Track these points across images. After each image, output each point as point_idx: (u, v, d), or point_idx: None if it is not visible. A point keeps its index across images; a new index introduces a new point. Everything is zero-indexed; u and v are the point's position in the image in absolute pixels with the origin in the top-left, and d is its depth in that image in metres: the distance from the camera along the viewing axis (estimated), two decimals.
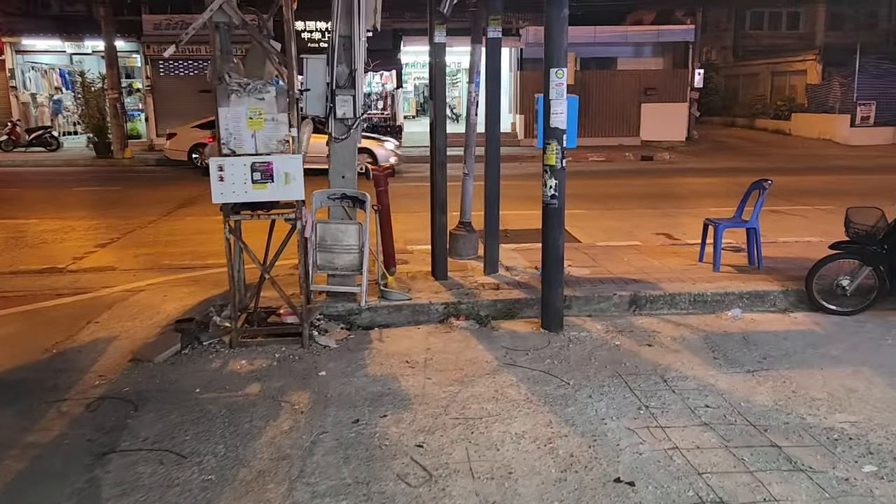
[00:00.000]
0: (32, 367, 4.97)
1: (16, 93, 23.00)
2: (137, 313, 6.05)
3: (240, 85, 4.66)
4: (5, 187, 14.70)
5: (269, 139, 4.78)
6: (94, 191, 14.15)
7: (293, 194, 4.89)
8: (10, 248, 8.90)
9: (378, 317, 5.71)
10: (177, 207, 11.64)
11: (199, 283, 7.04)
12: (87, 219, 10.86)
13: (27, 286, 7.13)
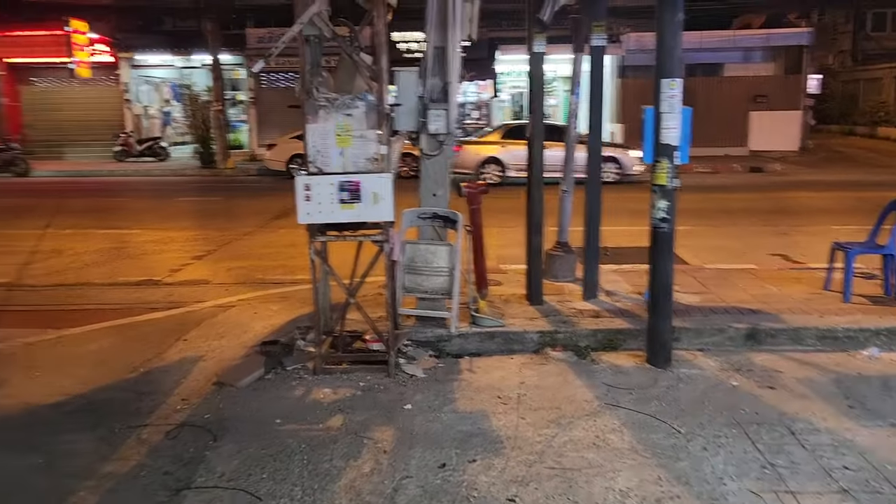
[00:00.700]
0: (119, 386, 4.90)
1: (129, 105, 24.17)
2: (225, 332, 5.96)
3: (328, 100, 4.44)
4: (115, 196, 15.33)
5: (357, 157, 4.54)
6: (195, 201, 14.53)
7: (382, 215, 4.63)
8: (113, 258, 9.11)
9: (469, 344, 5.37)
10: (272, 219, 11.72)
11: (289, 299, 6.91)
12: (186, 230, 11.07)
13: (123, 299, 7.22)
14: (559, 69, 22.47)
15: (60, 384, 4.92)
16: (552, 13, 5.68)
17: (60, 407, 4.57)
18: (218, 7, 20.31)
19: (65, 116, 24.73)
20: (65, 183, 18.54)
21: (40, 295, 7.41)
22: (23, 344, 5.83)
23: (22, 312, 6.79)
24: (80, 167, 21.21)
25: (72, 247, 9.76)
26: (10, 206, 13.80)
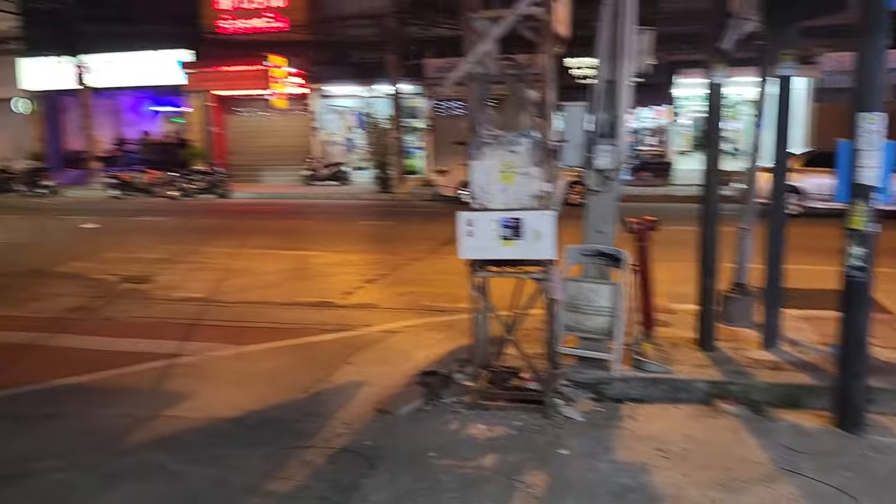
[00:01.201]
0: (288, 405, 5.18)
1: (317, 133, 25.95)
2: (390, 358, 6.13)
3: (493, 137, 4.46)
4: (300, 218, 16.45)
5: (520, 194, 4.51)
6: (371, 224, 15.23)
7: (543, 253, 4.55)
8: (294, 279, 9.74)
9: (631, 389, 5.12)
10: (441, 244, 12.00)
11: (452, 328, 6.99)
12: (361, 253, 11.62)
13: (299, 319, 7.66)
14: (744, 92, 21.22)
15: (240, 399, 5.29)
16: (734, 41, 5.35)
17: (240, 421, 4.90)
18: (399, 40, 21.31)
19: (262, 143, 27.06)
20: (258, 204, 20.20)
21: (229, 311, 8.05)
22: (211, 357, 6.35)
23: (212, 327, 7.40)
24: (273, 190, 23.04)
25: (259, 266, 10.57)
26: (211, 225, 15.24)
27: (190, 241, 12.96)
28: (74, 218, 17.02)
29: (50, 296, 8.84)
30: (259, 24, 25.70)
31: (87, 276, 10.07)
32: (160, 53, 25.85)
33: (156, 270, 10.35)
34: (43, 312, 8.01)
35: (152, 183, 22.26)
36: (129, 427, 4.83)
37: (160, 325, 7.51)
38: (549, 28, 4.54)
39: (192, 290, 9.05)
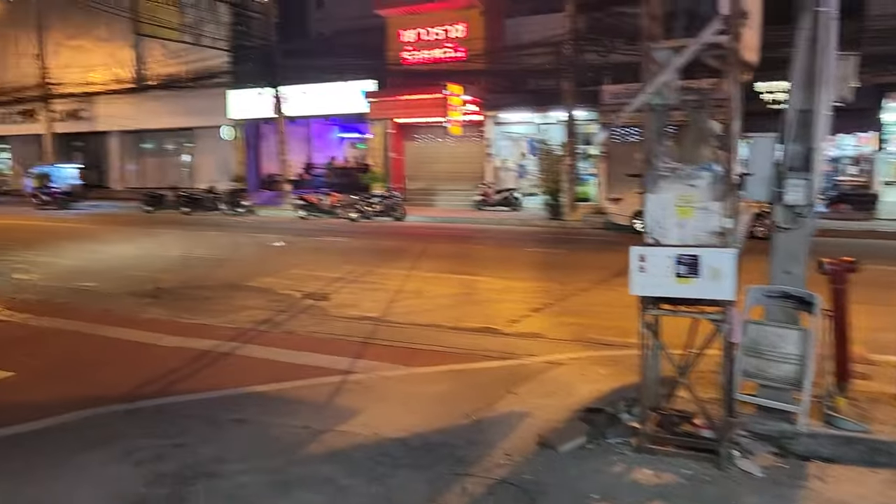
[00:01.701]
0: (452, 431, 5.24)
1: (490, 159, 26.38)
2: (553, 391, 6.03)
3: (670, 170, 4.28)
4: (472, 243, 16.73)
5: (698, 229, 4.28)
6: (540, 252, 15.17)
7: (722, 293, 4.28)
8: (461, 303, 9.90)
9: (820, 447, 4.65)
10: (612, 276, 11.69)
11: (618, 364, 6.77)
12: (528, 280, 11.59)
13: (465, 344, 7.76)
14: None
15: (406, 420, 5.43)
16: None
17: (404, 442, 5.03)
18: (576, 66, 21.21)
19: (437, 168, 27.99)
20: (431, 228, 20.82)
21: (399, 331, 8.32)
22: (381, 377, 6.59)
23: (383, 346, 7.69)
24: (445, 214, 23.67)
25: (429, 289, 10.86)
26: (387, 247, 15.90)
27: (366, 262, 13.60)
28: (266, 236, 18.50)
29: (241, 308, 9.63)
30: (439, 54, 26.70)
31: (274, 290, 10.86)
32: (347, 84, 27.59)
33: (334, 288, 10.96)
34: (234, 323, 8.74)
35: (335, 205, 23.68)
36: (305, 438, 5.10)
37: (336, 341, 7.92)
38: (736, 55, 4.30)
39: (366, 309, 9.47)
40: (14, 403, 5.97)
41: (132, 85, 32.44)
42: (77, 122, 35.75)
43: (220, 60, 28.93)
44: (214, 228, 20.85)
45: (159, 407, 5.79)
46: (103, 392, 6.18)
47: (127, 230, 19.92)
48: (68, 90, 33.34)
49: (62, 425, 5.37)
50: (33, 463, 4.75)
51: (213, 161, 33.18)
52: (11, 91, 35.17)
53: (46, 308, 9.78)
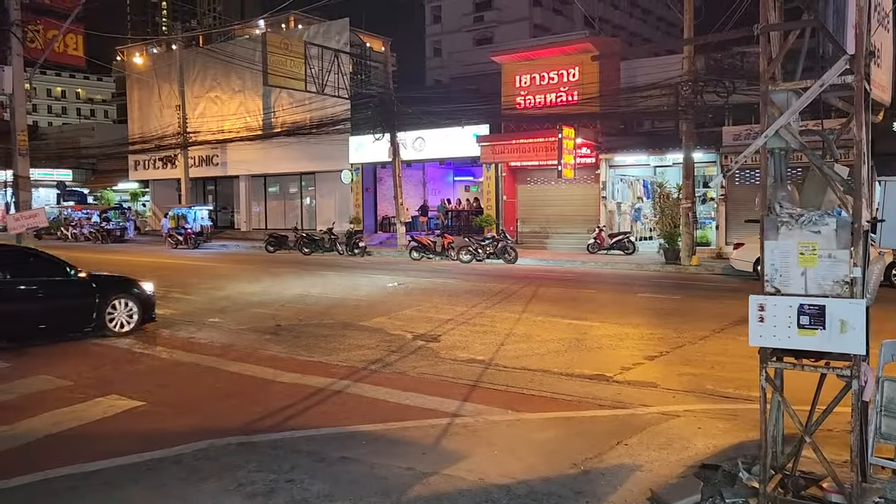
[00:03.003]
0: (559, 480, 5.12)
1: (605, 202, 26.03)
2: (666, 444, 5.79)
3: (791, 216, 4.08)
4: (584, 287, 16.47)
5: (822, 279, 4.04)
6: (655, 297, 14.72)
7: (850, 346, 4.00)
8: (572, 349, 9.73)
9: None
10: (732, 324, 11.17)
11: (738, 418, 6.43)
12: (643, 326, 11.26)
13: (575, 391, 7.60)
14: None
15: (511, 466, 5.37)
16: None
17: (509, 490, 4.96)
18: (694, 108, 20.72)
19: (549, 212, 27.94)
20: (543, 271, 20.68)
21: (507, 376, 8.27)
22: (488, 421, 6.55)
23: (491, 390, 7.66)
24: (557, 257, 23.48)
25: (540, 333, 10.75)
26: (498, 290, 15.91)
27: (477, 304, 13.67)
28: (380, 276, 18.98)
29: (355, 347, 9.89)
30: (552, 98, 26.84)
31: (386, 330, 11.09)
32: (462, 129, 28.19)
33: (445, 330, 11.06)
34: (348, 362, 8.98)
35: (447, 247, 24.03)
36: (410, 480, 5.14)
37: (445, 383, 7.97)
38: (864, 96, 4.08)
39: (475, 352, 9.49)
40: (141, 432, 6.37)
41: (260, 132, 34.58)
42: (210, 167, 38.40)
43: (341, 108, 30.34)
44: (332, 268, 21.62)
45: (272, 441, 6.00)
46: (221, 424, 6.49)
47: (251, 269, 21.00)
48: (204, 138, 35.93)
49: (178, 456, 5.66)
50: (148, 493, 5.02)
51: (332, 203, 34.62)
52: (154, 139, 38.31)
53: (176, 342, 10.43)
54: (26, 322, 9.99)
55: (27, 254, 11.17)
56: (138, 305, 11.04)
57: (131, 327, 10.93)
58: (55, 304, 10.35)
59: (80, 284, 10.57)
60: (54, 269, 10.53)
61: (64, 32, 16.32)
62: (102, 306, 10.61)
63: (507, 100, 27.87)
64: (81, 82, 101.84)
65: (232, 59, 33.59)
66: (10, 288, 9.96)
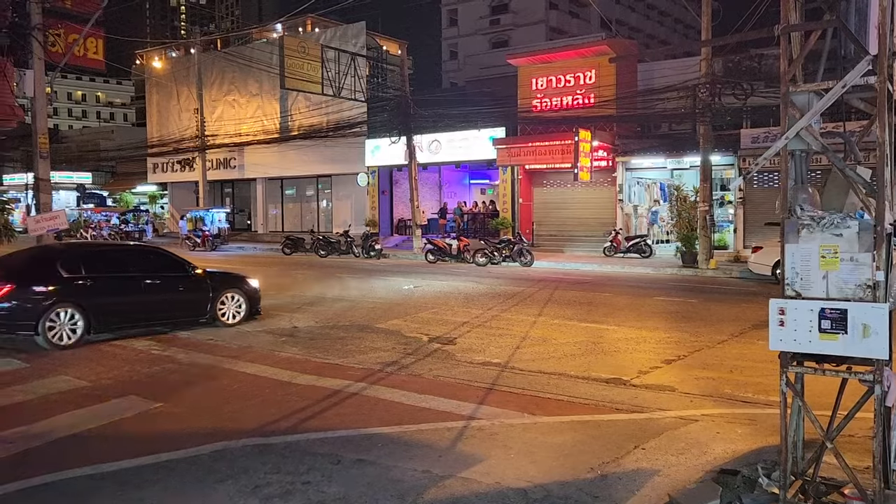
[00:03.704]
0: (576, 484, 5.08)
1: (621, 205, 25.92)
2: (684, 449, 5.74)
3: (812, 219, 4.03)
4: (599, 290, 16.38)
5: (844, 282, 3.99)
6: (672, 301, 14.62)
7: (873, 351, 3.94)
8: (588, 352, 9.68)
9: None
10: (750, 328, 11.07)
11: (757, 423, 6.37)
12: (660, 330, 11.18)
13: (592, 394, 7.55)
14: None
15: (528, 470, 5.34)
16: None
17: (525, 494, 4.93)
18: (712, 110, 20.58)
19: (565, 215, 27.85)
20: (559, 274, 20.61)
21: (524, 379, 8.24)
22: (504, 424, 6.53)
23: (507, 393, 7.63)
24: (573, 260, 23.39)
25: (555, 337, 10.71)
26: (514, 293, 15.87)
27: (493, 307, 13.64)
28: (396, 279, 19.00)
29: (371, 349, 9.90)
30: (568, 100, 26.78)
31: (402, 333, 11.10)
32: (477, 132, 28.20)
33: (461, 333, 11.05)
34: (364, 364, 8.98)
35: (463, 250, 24.01)
36: (426, 483, 5.12)
37: (461, 386, 7.95)
38: (888, 99, 4.02)
39: (492, 355, 9.47)
40: (157, 433, 6.40)
41: (277, 135, 34.79)
42: (227, 170, 38.68)
43: (358, 111, 30.46)
44: (347, 271, 21.68)
45: (288, 444, 6.01)
46: (238, 426, 6.51)
47: (267, 271, 21.08)
48: (221, 141, 36.21)
49: (196, 457, 5.69)
50: (164, 493, 5.05)
51: (349, 206, 34.75)
52: (172, 142, 38.65)
53: (192, 344, 10.49)
54: (159, 313, 11.28)
55: (155, 253, 12.37)
56: (246, 300, 12.14)
57: (238, 319, 11.98)
58: (179, 297, 11.54)
59: (197, 280, 11.70)
60: (177, 267, 11.70)
61: (84, 36, 16.49)
62: (215, 300, 11.74)
63: (523, 102, 27.83)
64: (101, 86, 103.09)
65: (249, 63, 33.84)
66: (147, 284, 11.15)
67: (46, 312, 9.81)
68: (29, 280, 10.10)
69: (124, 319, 10.83)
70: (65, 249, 11.57)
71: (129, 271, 11.09)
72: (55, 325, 9.89)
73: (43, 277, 10.17)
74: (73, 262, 10.55)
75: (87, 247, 11.73)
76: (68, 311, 10.00)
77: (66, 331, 9.99)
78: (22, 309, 9.80)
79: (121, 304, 10.77)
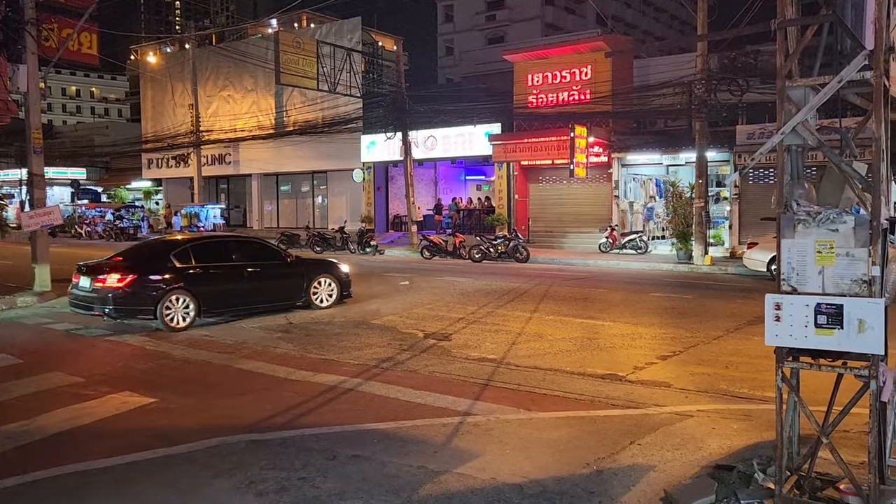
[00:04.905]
0: (571, 480, 5.08)
1: (617, 201, 25.93)
2: (680, 444, 5.74)
3: (808, 214, 4.02)
4: (595, 287, 16.39)
5: (840, 277, 3.98)
6: (668, 297, 14.64)
7: (868, 346, 3.94)
8: (584, 348, 9.68)
9: None
10: (746, 324, 11.09)
11: (753, 419, 6.37)
12: (655, 326, 11.19)
13: (587, 390, 7.56)
14: None
15: (523, 466, 5.34)
16: None
17: (521, 489, 4.92)
18: (709, 106, 20.59)
19: (561, 211, 27.86)
20: (554, 270, 20.61)
21: (519, 375, 8.24)
22: (500, 420, 6.52)
23: (502, 389, 7.63)
24: (569, 256, 23.40)
25: (551, 333, 10.71)
26: (510, 289, 15.87)
27: (488, 303, 13.64)
28: (391, 275, 18.98)
29: (366, 345, 9.88)
30: (564, 96, 26.77)
31: (398, 329, 11.08)
32: (474, 128, 28.16)
33: (456, 329, 11.04)
34: (359, 360, 8.97)
35: (459, 246, 24.00)
36: (421, 479, 5.12)
37: (456, 382, 7.94)
38: (884, 94, 4.02)
39: (487, 351, 9.46)
40: (152, 429, 6.38)
41: (272, 131, 34.70)
42: (223, 165, 38.60)
43: (354, 107, 30.40)
44: None
45: (283, 439, 6.00)
46: (233, 422, 6.49)
47: None
48: (216, 136, 36.09)
49: (190, 453, 5.67)
50: (159, 489, 5.03)
51: (344, 202, 34.71)
52: (167, 138, 38.51)
53: (187, 340, 10.46)
54: (260, 297, 12.42)
55: (256, 243, 13.53)
56: (337, 284, 13.35)
57: (331, 302, 13.22)
58: (278, 283, 12.76)
59: (293, 266, 12.96)
60: (275, 255, 13.02)
61: (78, 31, 16.39)
62: (309, 284, 12.94)
63: (519, 98, 27.80)
64: (95, 81, 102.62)
65: (244, 58, 33.74)
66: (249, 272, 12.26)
67: (163, 299, 11.01)
68: (147, 270, 11.25)
69: (230, 304, 12.00)
70: (177, 242, 12.53)
71: (233, 260, 12.23)
72: (171, 310, 11.10)
73: (159, 268, 11.33)
74: (184, 254, 11.70)
75: (196, 239, 12.82)
76: (181, 298, 11.20)
77: (180, 315, 11.18)
78: (142, 296, 10.97)
79: (227, 290, 11.94)
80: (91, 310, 11.05)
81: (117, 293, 10.80)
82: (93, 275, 11.03)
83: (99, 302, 10.86)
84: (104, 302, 10.82)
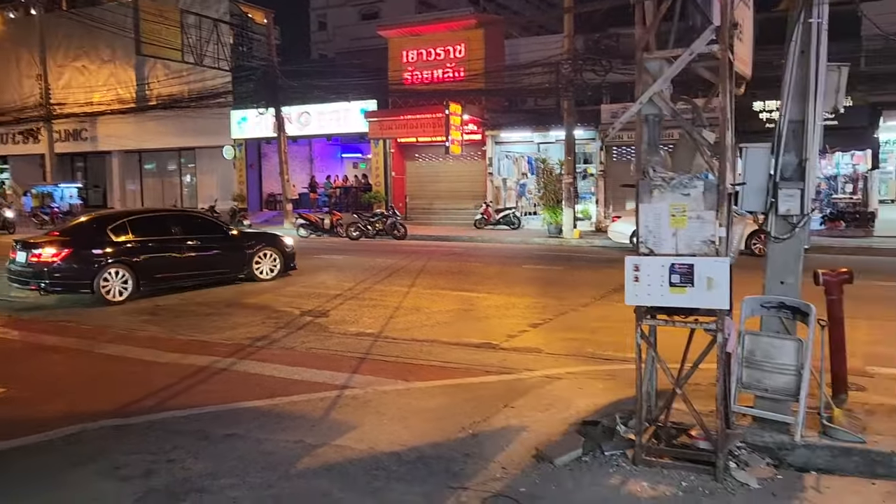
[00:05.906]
0: (448, 444, 5.19)
1: (491, 178, 26.47)
2: (550, 405, 6.00)
3: (663, 180, 4.28)
4: (471, 261, 16.72)
5: (691, 239, 4.28)
6: (539, 269, 15.17)
7: (716, 302, 4.27)
8: (460, 319, 9.88)
9: (817, 458, 4.62)
10: (611, 292, 11.68)
11: (616, 378, 6.74)
12: (528, 296, 11.58)
13: (463, 359, 7.73)
14: None
15: (401, 434, 5.40)
16: None
17: (398, 457, 4.98)
18: (574, 86, 21.35)
19: (437, 187, 28.11)
20: (431, 246, 20.82)
21: (397, 347, 8.29)
22: (378, 391, 6.55)
23: (381, 362, 7.66)
24: (446, 232, 23.68)
25: (428, 306, 10.84)
26: (387, 265, 15.89)
27: (366, 280, 13.60)
28: None
29: (240, 325, 9.61)
30: (439, 74, 26.91)
31: (273, 307, 10.85)
32: (349, 104, 27.76)
33: (334, 305, 10.95)
34: (233, 340, 8.71)
35: (336, 224, 23.72)
36: (299, 453, 5.06)
37: (334, 357, 7.89)
38: (729, 66, 4.32)
39: (365, 326, 9.45)
40: (3, 420, 5.93)
41: (134, 105, 32.68)
42: (79, 142, 35.99)
43: (222, 81, 29.15)
44: None
45: (151, 423, 5.75)
46: (94, 409, 6.13)
47: None
48: (70, 110, 33.58)
49: (48, 442, 5.32)
50: (15, 481, 4.71)
51: (215, 180, 33.32)
52: (12, 111, 35.39)
53: (42, 325, 9.77)
54: (201, 270, 12.58)
55: (198, 217, 14.07)
56: (281, 257, 13.57)
57: (274, 275, 13.44)
58: (219, 256, 12.83)
59: (234, 239, 13.19)
60: (216, 228, 13.20)
61: None
62: (251, 257, 13.14)
63: (394, 75, 27.68)
64: None
65: (100, 26, 31.42)
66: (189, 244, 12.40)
67: (100, 272, 11.11)
68: (83, 244, 11.30)
69: (169, 277, 12.08)
70: (115, 215, 12.76)
71: (172, 234, 12.24)
72: (108, 283, 11.20)
73: (96, 241, 11.39)
74: (121, 227, 11.70)
75: (134, 213, 13.14)
76: (119, 272, 11.31)
77: (118, 288, 11.30)
78: (78, 269, 11.09)
79: (165, 263, 12.02)
80: (27, 284, 11.13)
81: (52, 267, 10.92)
82: (29, 249, 11.07)
83: (34, 276, 10.98)
84: (40, 276, 10.94)
